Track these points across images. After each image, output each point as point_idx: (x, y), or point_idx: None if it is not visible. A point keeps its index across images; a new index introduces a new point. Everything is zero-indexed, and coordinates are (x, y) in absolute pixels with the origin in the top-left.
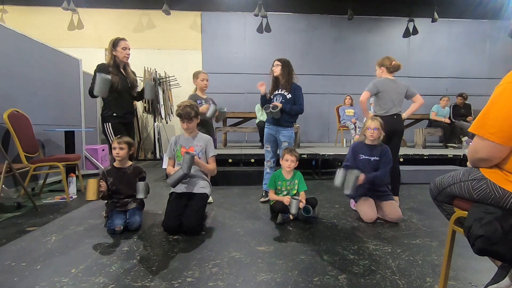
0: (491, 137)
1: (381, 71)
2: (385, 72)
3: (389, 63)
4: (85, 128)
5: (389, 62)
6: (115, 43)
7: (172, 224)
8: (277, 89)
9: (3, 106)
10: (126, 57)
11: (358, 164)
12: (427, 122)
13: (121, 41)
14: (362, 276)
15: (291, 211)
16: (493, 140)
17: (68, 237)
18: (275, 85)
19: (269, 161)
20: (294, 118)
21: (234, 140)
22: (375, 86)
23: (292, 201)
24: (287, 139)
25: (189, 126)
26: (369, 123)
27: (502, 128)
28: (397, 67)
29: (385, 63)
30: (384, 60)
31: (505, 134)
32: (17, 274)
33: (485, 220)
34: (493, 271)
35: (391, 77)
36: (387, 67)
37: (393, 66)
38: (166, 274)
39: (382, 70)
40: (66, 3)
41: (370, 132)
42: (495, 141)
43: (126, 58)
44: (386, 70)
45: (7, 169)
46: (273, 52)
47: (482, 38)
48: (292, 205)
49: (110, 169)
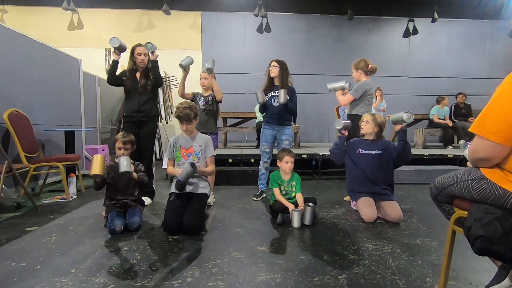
0: (491, 136)
1: (358, 74)
2: (362, 75)
3: (366, 65)
4: (85, 128)
5: (366, 65)
6: (132, 49)
7: (172, 224)
8: (272, 90)
9: (3, 106)
10: (141, 62)
11: (359, 159)
12: (427, 122)
13: (137, 48)
14: (362, 276)
15: (294, 224)
16: (493, 140)
17: (68, 237)
18: (270, 85)
19: (266, 161)
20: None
21: (234, 140)
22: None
23: (294, 213)
24: (288, 137)
25: (188, 128)
26: (364, 115)
27: (502, 128)
28: (374, 69)
29: (361, 66)
30: (360, 62)
31: (505, 134)
32: (17, 274)
33: (485, 220)
34: (493, 271)
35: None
36: (364, 70)
37: (370, 69)
38: (166, 274)
39: (360, 73)
40: (66, 3)
41: (363, 124)
42: (495, 140)
43: (141, 63)
44: (364, 73)
45: (7, 169)
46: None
47: (482, 38)
48: (294, 219)
49: (112, 165)
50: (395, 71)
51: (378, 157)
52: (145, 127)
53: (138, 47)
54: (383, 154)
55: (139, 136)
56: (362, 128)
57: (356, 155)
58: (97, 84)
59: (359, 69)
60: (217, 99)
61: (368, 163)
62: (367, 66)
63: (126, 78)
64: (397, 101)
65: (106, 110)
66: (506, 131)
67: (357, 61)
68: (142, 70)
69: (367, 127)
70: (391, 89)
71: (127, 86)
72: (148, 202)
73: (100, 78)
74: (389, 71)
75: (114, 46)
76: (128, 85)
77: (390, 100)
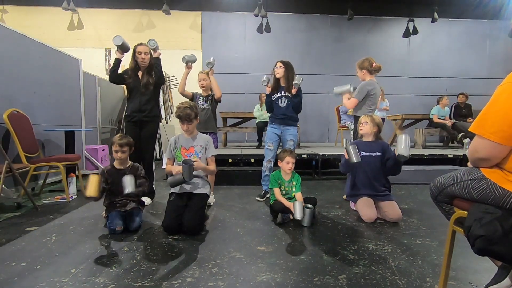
0: (491, 136)
1: (362, 73)
2: (367, 74)
3: (370, 65)
4: (85, 128)
5: (370, 64)
6: (134, 48)
7: (172, 224)
8: (278, 91)
9: (3, 106)
10: (142, 61)
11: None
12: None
13: (138, 46)
14: (362, 276)
15: (296, 216)
16: (493, 140)
17: (68, 237)
18: (277, 86)
19: (270, 160)
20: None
21: (234, 140)
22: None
23: (296, 203)
24: (293, 137)
25: (188, 128)
26: (362, 117)
27: (502, 128)
28: (378, 68)
29: (365, 65)
30: (364, 62)
31: (505, 134)
32: (17, 274)
33: (485, 220)
34: (493, 271)
35: (374, 78)
36: (368, 69)
37: (374, 68)
38: (166, 274)
39: (364, 72)
40: (66, 3)
41: (361, 125)
42: (495, 140)
43: (142, 62)
44: (368, 73)
45: (7, 169)
46: (273, 52)
47: (482, 38)
48: (296, 209)
49: (110, 169)
50: (395, 71)
51: (379, 159)
52: (146, 127)
53: (140, 46)
54: (383, 156)
55: (140, 136)
56: (361, 129)
57: None
58: (97, 84)
59: (363, 69)
60: (216, 97)
61: (369, 165)
62: (371, 65)
63: (128, 76)
64: (397, 101)
65: (106, 110)
66: (506, 131)
67: (361, 61)
68: (144, 69)
69: (366, 128)
70: (391, 89)
71: (129, 84)
72: (148, 202)
73: (100, 78)
74: (389, 71)
75: (117, 44)
76: (130, 84)
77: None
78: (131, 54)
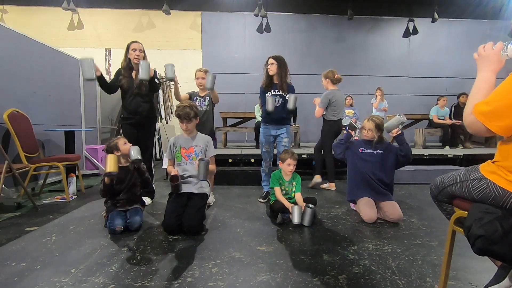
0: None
1: (326, 82)
2: (330, 83)
3: (333, 76)
4: (85, 128)
5: (333, 75)
6: (127, 46)
7: (172, 224)
8: (272, 89)
9: (3, 106)
10: (136, 58)
11: (361, 158)
12: (427, 122)
13: (132, 44)
14: (362, 276)
15: (294, 221)
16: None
17: (68, 237)
18: (269, 83)
19: (268, 162)
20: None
21: (234, 140)
22: (326, 98)
23: (294, 208)
24: (288, 135)
25: (188, 127)
26: (365, 123)
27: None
28: (339, 79)
29: (329, 76)
30: (329, 73)
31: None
32: (17, 274)
33: (485, 220)
34: (493, 271)
35: (336, 88)
36: (331, 79)
37: (336, 79)
38: (166, 274)
39: (327, 82)
40: (66, 3)
41: (365, 132)
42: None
43: (136, 59)
44: (331, 82)
45: (7, 169)
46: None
47: (482, 38)
48: (294, 214)
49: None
50: (395, 71)
51: (380, 157)
52: (144, 128)
53: (134, 43)
54: (385, 154)
55: (138, 137)
56: (366, 136)
57: (358, 154)
58: (97, 84)
59: (327, 78)
60: (214, 102)
61: (370, 162)
62: (334, 76)
63: (122, 76)
64: (397, 101)
65: (106, 110)
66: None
67: (326, 72)
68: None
69: (371, 135)
70: (391, 89)
71: (123, 85)
72: (148, 202)
73: None
74: (389, 71)
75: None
76: (124, 84)
77: (390, 100)
78: (124, 52)
